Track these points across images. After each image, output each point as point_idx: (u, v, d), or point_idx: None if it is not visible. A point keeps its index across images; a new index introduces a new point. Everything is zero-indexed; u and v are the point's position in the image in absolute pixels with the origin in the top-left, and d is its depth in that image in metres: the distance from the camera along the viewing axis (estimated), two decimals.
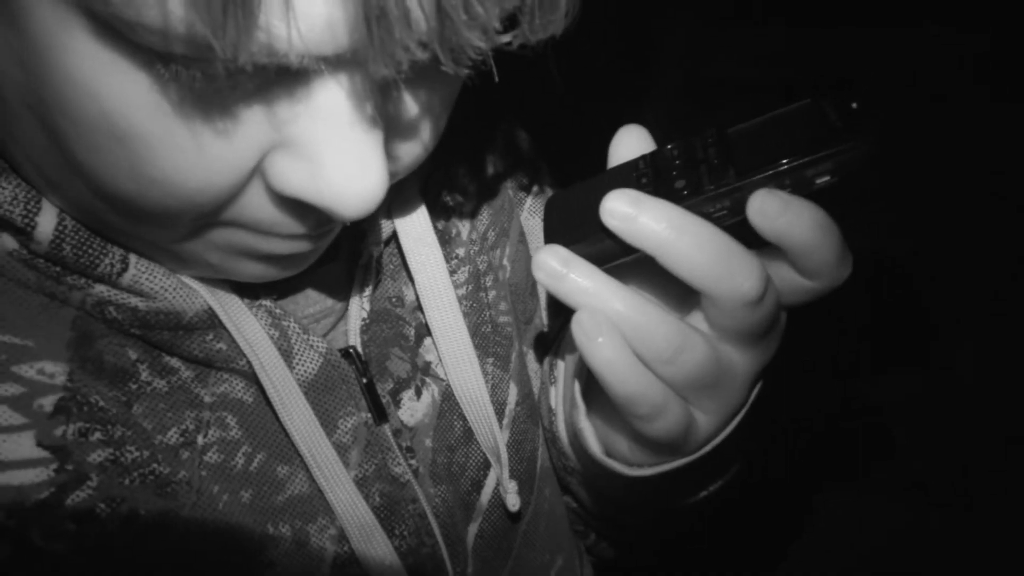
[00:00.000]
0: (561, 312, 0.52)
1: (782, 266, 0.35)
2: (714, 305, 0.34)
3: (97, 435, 0.33)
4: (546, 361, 0.51)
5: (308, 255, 0.36)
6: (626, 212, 0.33)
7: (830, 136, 0.32)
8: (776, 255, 0.34)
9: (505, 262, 0.50)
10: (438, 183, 0.46)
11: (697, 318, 0.37)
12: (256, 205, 0.31)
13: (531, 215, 0.53)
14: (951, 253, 1.81)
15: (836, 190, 0.33)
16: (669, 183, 0.34)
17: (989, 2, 1.97)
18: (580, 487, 0.48)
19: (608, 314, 0.34)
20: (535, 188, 0.53)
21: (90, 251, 0.33)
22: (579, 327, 0.34)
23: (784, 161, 0.33)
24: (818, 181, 0.33)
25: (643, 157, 0.37)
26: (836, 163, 0.32)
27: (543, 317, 0.52)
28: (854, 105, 0.33)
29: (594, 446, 0.41)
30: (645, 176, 0.35)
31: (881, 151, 0.31)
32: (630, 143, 0.38)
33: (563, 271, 0.34)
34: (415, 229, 0.43)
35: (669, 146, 0.36)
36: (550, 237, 0.36)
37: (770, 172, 0.33)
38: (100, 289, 0.34)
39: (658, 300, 0.38)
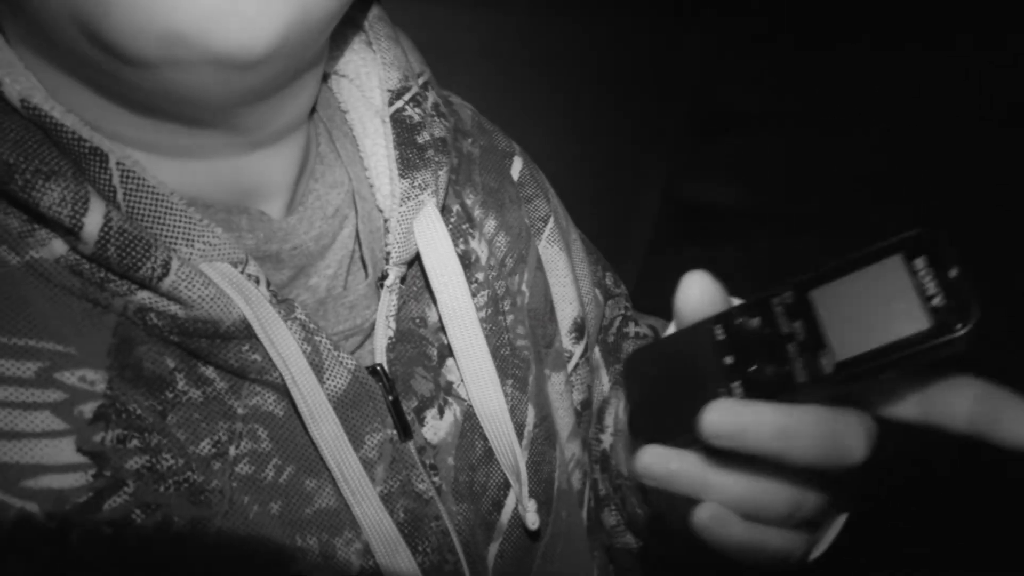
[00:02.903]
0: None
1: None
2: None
3: (134, 442, 0.34)
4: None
5: None
6: (731, 432, 0.32)
7: (935, 321, 0.29)
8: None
9: (524, 288, 0.51)
10: (458, 212, 0.48)
11: None
12: None
13: (549, 244, 0.54)
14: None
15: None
16: (760, 371, 0.33)
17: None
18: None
19: (727, 502, 0.35)
20: (551, 218, 0.55)
21: (134, 253, 0.34)
22: (704, 525, 0.34)
23: (886, 356, 0.30)
24: (919, 366, 0.31)
25: (718, 322, 0.35)
26: (942, 352, 0.30)
27: (563, 342, 0.53)
28: (952, 273, 0.29)
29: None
30: (728, 354, 0.34)
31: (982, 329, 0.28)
32: (697, 294, 0.37)
33: (672, 470, 0.35)
34: (437, 251, 0.44)
35: (745, 309, 0.35)
36: (639, 430, 0.37)
37: (873, 368, 0.31)
38: (142, 296, 0.35)
39: None
